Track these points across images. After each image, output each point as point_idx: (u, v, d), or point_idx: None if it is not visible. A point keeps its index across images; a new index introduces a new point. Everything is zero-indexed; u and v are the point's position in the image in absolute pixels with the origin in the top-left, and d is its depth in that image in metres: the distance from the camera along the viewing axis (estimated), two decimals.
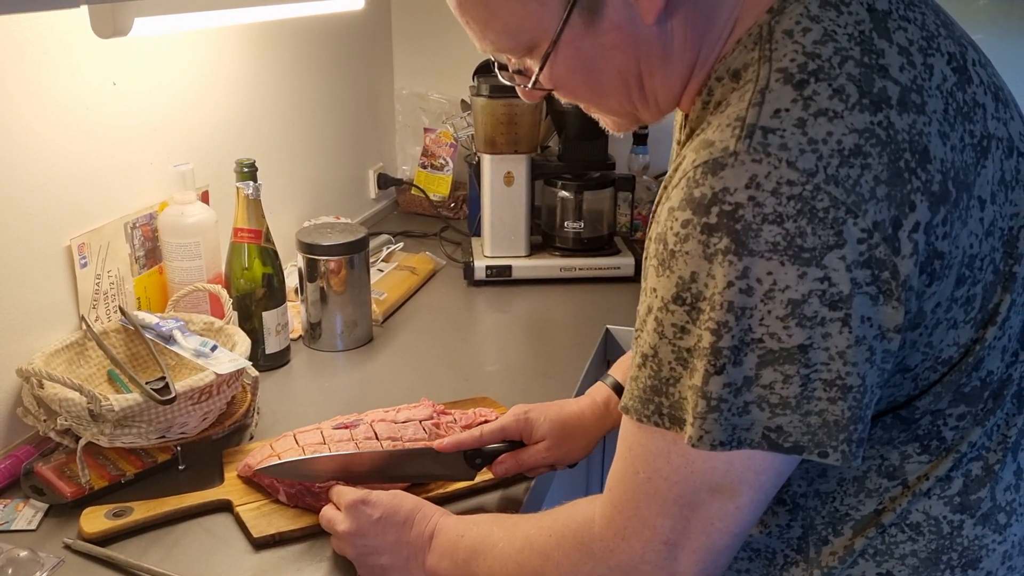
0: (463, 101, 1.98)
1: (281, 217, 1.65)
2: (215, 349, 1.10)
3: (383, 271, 1.67)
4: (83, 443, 1.01)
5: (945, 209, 0.63)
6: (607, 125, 0.85)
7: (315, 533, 0.97)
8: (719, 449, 0.65)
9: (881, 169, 0.61)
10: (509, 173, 1.69)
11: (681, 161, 0.67)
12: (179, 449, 1.08)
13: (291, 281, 1.44)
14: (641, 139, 1.94)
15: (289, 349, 1.38)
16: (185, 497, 1.01)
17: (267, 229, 1.31)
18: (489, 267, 1.70)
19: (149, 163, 1.31)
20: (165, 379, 1.05)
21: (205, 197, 1.39)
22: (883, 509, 0.73)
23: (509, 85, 0.83)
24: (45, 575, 0.90)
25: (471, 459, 1.03)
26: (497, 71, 0.84)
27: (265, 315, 1.31)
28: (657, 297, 0.66)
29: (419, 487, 1.03)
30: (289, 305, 1.37)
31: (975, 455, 0.73)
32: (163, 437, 1.04)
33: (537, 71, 0.76)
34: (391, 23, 2.15)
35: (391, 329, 1.51)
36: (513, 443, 1.04)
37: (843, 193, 0.60)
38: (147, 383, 1.05)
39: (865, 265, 0.61)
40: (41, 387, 1.02)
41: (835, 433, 0.64)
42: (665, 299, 0.65)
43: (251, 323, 1.31)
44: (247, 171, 1.27)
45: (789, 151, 0.61)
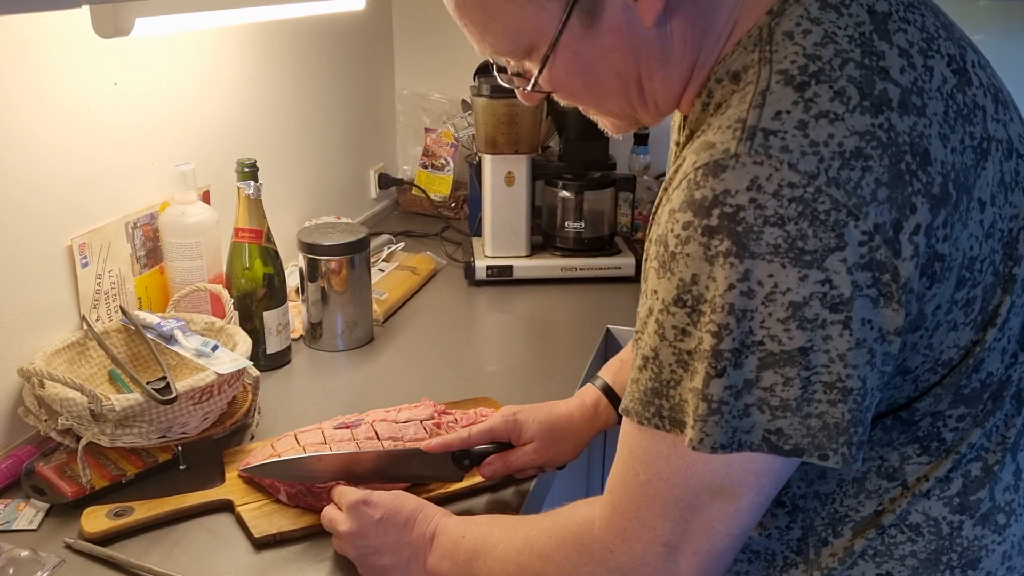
0: (464, 101, 1.98)
1: (282, 217, 1.65)
2: (216, 349, 1.10)
3: (384, 271, 1.67)
4: (84, 443, 1.01)
5: (946, 211, 0.63)
6: (606, 127, 0.85)
7: (316, 533, 0.97)
8: (720, 452, 0.65)
9: (882, 171, 0.61)
10: (510, 173, 1.69)
11: (681, 163, 0.67)
12: (180, 449, 1.08)
13: (292, 281, 1.44)
14: (642, 139, 1.94)
15: (290, 349, 1.38)
16: (186, 497, 1.01)
17: (268, 229, 1.31)
18: (490, 267, 1.70)
19: (150, 163, 1.31)
20: (166, 379, 1.05)
21: (206, 197, 1.39)
22: (883, 510, 0.73)
23: (508, 87, 0.83)
24: (46, 575, 0.90)
25: (459, 460, 1.02)
26: (496, 73, 0.84)
27: (266, 315, 1.31)
28: (658, 299, 0.66)
29: (420, 487, 1.03)
30: (290, 305, 1.37)
31: (974, 456, 0.73)
32: (164, 437, 1.04)
33: (536, 74, 0.75)
34: (392, 23, 2.15)
35: (392, 329, 1.51)
36: (501, 444, 1.04)
37: (844, 195, 0.60)
38: (148, 383, 1.05)
39: (866, 268, 0.61)
40: (42, 387, 1.03)
41: (835, 436, 0.64)
42: (666, 301, 0.65)
43: (252, 323, 1.31)
44: (248, 171, 1.27)
45: (790, 153, 0.61)
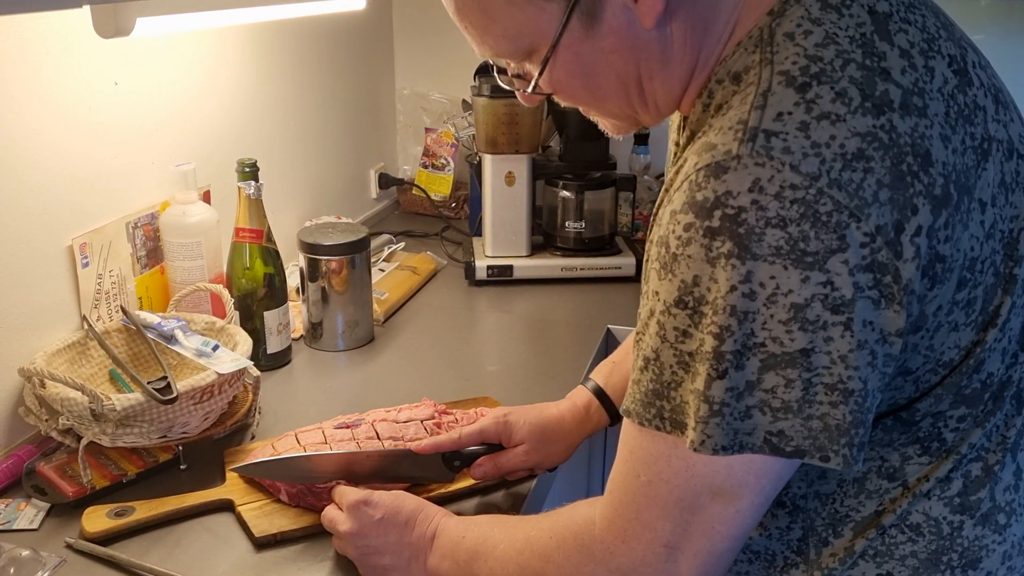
0: (464, 101, 1.98)
1: (282, 217, 1.65)
2: (217, 349, 1.10)
3: (384, 271, 1.67)
4: (85, 443, 1.01)
5: (947, 212, 0.63)
6: (606, 128, 0.85)
7: (316, 533, 0.97)
8: (721, 454, 0.65)
9: (884, 173, 0.61)
10: (510, 173, 1.69)
11: (682, 164, 0.67)
12: (181, 449, 1.08)
13: (292, 281, 1.44)
14: (642, 139, 1.94)
15: (290, 349, 1.38)
16: (187, 497, 1.01)
17: (268, 229, 1.31)
18: (490, 267, 1.70)
19: (151, 163, 1.31)
20: (167, 379, 1.05)
21: (207, 197, 1.39)
22: (883, 510, 0.73)
23: (509, 88, 0.83)
24: (47, 575, 0.90)
25: (449, 461, 1.02)
26: (496, 75, 0.83)
27: (266, 315, 1.32)
28: (659, 300, 0.66)
29: (420, 487, 1.03)
30: (290, 305, 1.37)
31: (975, 456, 0.73)
32: (165, 437, 1.04)
33: (536, 76, 0.75)
34: (392, 23, 2.15)
35: (392, 329, 1.51)
36: (492, 446, 1.04)
37: (846, 197, 0.60)
38: (149, 383, 1.05)
39: (868, 269, 0.61)
40: (43, 387, 1.03)
41: (836, 437, 0.64)
42: (667, 302, 0.65)
43: (252, 323, 1.31)
44: (248, 171, 1.27)
45: (792, 155, 0.61)
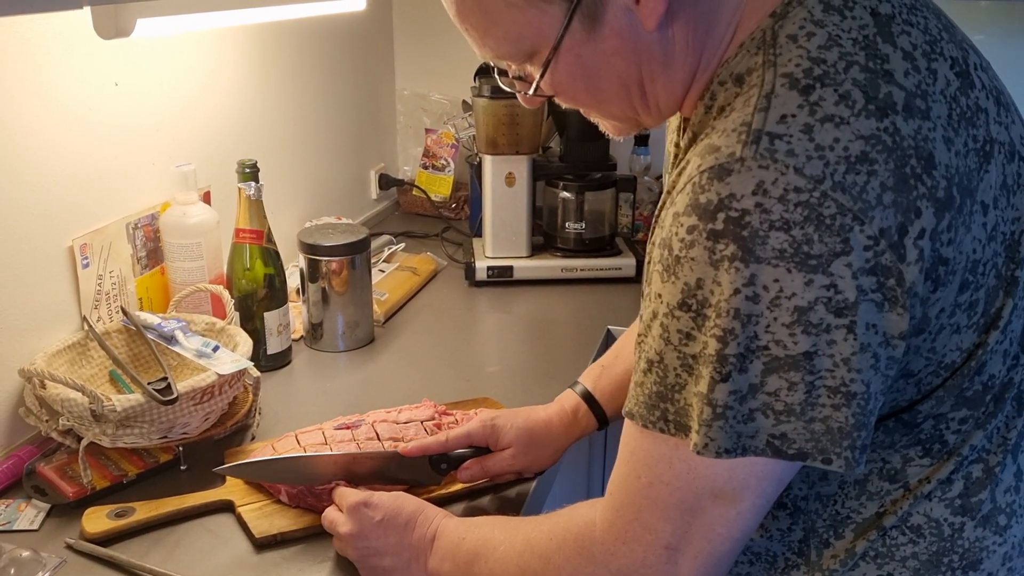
0: (464, 102, 1.98)
1: (283, 217, 1.65)
2: (217, 349, 1.10)
3: (384, 272, 1.67)
4: (85, 443, 1.01)
5: (950, 215, 0.63)
6: (607, 129, 0.85)
7: (317, 533, 0.97)
8: (724, 457, 0.65)
9: (887, 176, 0.61)
10: (510, 174, 1.69)
11: (685, 166, 0.67)
12: (181, 449, 1.08)
13: (293, 281, 1.44)
14: (643, 140, 1.94)
15: (291, 349, 1.38)
16: (187, 497, 1.01)
17: (269, 229, 1.31)
18: (490, 268, 1.70)
19: (151, 163, 1.31)
20: (167, 379, 1.05)
21: (207, 198, 1.39)
22: (884, 512, 0.73)
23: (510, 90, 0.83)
24: (47, 575, 0.90)
25: (436, 464, 1.02)
26: (497, 77, 0.83)
27: (267, 315, 1.31)
28: (663, 303, 0.66)
29: (420, 488, 1.03)
30: (291, 305, 1.37)
31: (976, 458, 0.73)
32: (165, 437, 1.04)
33: (538, 78, 0.75)
34: (392, 24, 2.14)
35: (392, 330, 1.51)
36: (479, 449, 1.04)
37: (850, 200, 0.60)
38: (149, 383, 1.05)
39: (871, 272, 0.61)
40: (43, 387, 1.02)
41: (839, 440, 0.64)
42: (671, 305, 0.65)
43: (253, 323, 1.31)
44: (249, 171, 1.27)
45: (796, 157, 0.61)
